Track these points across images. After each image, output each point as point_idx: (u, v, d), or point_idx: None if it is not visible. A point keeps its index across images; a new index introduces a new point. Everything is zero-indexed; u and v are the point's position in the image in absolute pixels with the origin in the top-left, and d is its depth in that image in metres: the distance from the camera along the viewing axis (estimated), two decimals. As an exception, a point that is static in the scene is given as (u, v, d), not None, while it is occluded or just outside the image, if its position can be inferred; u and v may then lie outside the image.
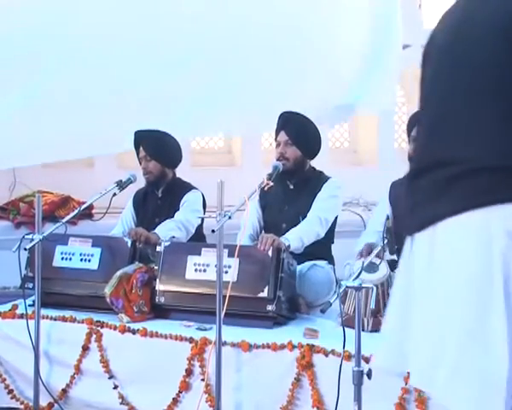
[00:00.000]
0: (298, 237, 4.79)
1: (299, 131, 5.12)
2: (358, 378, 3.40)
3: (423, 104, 2.67)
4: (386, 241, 4.30)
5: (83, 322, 4.58)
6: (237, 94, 6.80)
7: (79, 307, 4.80)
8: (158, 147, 5.45)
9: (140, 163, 5.50)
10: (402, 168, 5.01)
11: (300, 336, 4.18)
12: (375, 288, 4.03)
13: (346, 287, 3.54)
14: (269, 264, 4.44)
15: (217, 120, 6.99)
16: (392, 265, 4.49)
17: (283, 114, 5.20)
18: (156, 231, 5.14)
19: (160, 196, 5.54)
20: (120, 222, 5.64)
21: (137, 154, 5.52)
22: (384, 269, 4.41)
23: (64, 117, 6.37)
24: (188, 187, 5.55)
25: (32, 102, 6.24)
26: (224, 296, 3.98)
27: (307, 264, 4.90)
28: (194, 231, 5.39)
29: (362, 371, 3.39)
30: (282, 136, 5.12)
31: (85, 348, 4.52)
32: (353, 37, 7.24)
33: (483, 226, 2.27)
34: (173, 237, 5.07)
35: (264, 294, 4.38)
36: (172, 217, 5.34)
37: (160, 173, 5.46)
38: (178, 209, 5.41)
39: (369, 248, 4.61)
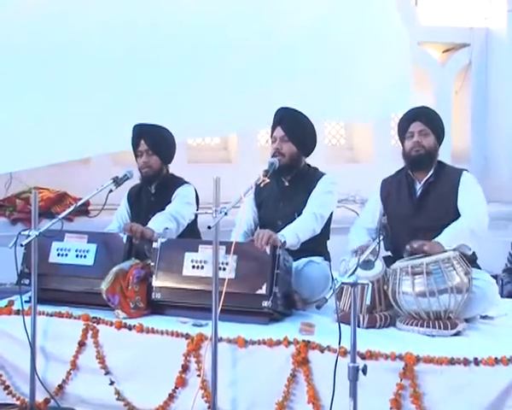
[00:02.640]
0: (294, 233, 4.80)
1: (294, 127, 5.11)
2: (354, 374, 3.41)
3: None
4: (381, 237, 4.32)
5: (79, 318, 4.60)
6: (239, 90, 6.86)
7: (76, 303, 4.82)
8: (160, 142, 5.46)
9: (136, 156, 5.47)
10: (398, 165, 5.09)
11: (296, 332, 4.20)
12: (370, 284, 4.05)
13: (342, 283, 3.53)
14: (266, 261, 4.46)
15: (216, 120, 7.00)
16: (388, 261, 4.54)
17: (279, 110, 5.20)
18: (149, 225, 5.13)
19: (153, 192, 5.54)
20: (115, 219, 5.64)
21: (136, 147, 5.47)
22: (380, 266, 4.43)
23: (64, 117, 6.41)
24: (180, 182, 5.56)
25: (32, 104, 6.28)
26: (221, 293, 4.00)
27: (303, 260, 4.92)
28: (185, 224, 5.38)
29: (357, 367, 3.41)
30: (278, 131, 5.13)
31: (82, 344, 4.54)
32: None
33: None
34: (166, 228, 5.08)
35: (261, 290, 4.40)
36: None
37: (158, 168, 5.47)
38: None
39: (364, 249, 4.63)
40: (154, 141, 5.44)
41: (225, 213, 3.94)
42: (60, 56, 6.25)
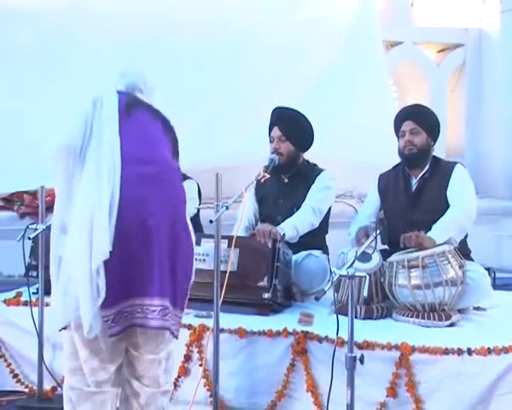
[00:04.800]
0: (293, 226, 4.89)
1: (291, 127, 5.17)
2: (351, 364, 3.48)
3: None
4: (378, 231, 4.37)
5: (84, 310, 4.66)
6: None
7: (82, 294, 4.87)
8: None
9: None
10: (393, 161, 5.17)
11: (295, 323, 4.28)
12: (367, 277, 4.11)
13: (340, 276, 3.56)
14: (266, 254, 4.54)
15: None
16: (385, 255, 4.63)
17: (276, 110, 5.27)
18: None
19: None
20: None
21: None
22: (377, 258, 4.50)
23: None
24: (183, 177, 5.62)
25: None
26: (222, 285, 4.04)
27: (302, 253, 5.00)
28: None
29: (354, 356, 3.48)
30: (276, 131, 5.20)
31: (87, 335, 4.60)
32: None
33: None
34: None
35: (261, 282, 4.49)
36: None
37: None
38: None
39: (364, 232, 4.73)
40: None
41: (227, 208, 3.98)
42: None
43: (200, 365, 4.29)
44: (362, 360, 3.50)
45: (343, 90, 7.86)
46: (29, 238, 4.48)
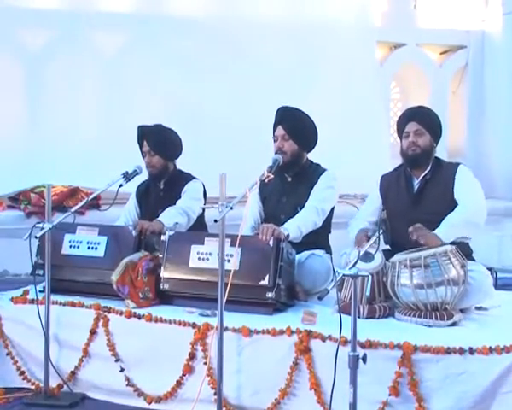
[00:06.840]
0: (296, 226, 4.91)
1: (295, 126, 5.21)
2: (354, 363, 3.51)
3: None
4: (381, 231, 4.39)
5: (91, 307, 4.70)
6: None
7: (87, 293, 4.91)
8: (161, 142, 5.58)
9: (143, 157, 5.62)
10: (396, 162, 5.22)
11: (299, 322, 4.29)
12: (370, 276, 4.12)
13: (343, 275, 3.61)
14: (270, 253, 4.55)
15: None
16: (387, 255, 4.65)
17: (280, 110, 5.30)
18: (160, 218, 5.26)
19: (162, 187, 5.67)
20: (123, 215, 5.76)
21: (141, 148, 5.63)
22: (379, 258, 4.52)
23: None
24: (188, 177, 5.69)
25: None
26: (226, 284, 4.06)
27: (306, 253, 5.03)
28: (195, 218, 5.51)
29: (357, 355, 3.51)
30: (279, 130, 5.23)
31: (93, 333, 4.65)
32: None
33: None
34: (176, 222, 5.20)
35: (265, 282, 4.50)
36: None
37: (162, 167, 5.60)
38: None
39: (364, 234, 4.74)
40: (155, 142, 5.56)
41: (231, 208, 4.00)
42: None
43: (205, 363, 4.31)
44: (364, 359, 3.53)
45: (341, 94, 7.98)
46: (36, 237, 4.49)
